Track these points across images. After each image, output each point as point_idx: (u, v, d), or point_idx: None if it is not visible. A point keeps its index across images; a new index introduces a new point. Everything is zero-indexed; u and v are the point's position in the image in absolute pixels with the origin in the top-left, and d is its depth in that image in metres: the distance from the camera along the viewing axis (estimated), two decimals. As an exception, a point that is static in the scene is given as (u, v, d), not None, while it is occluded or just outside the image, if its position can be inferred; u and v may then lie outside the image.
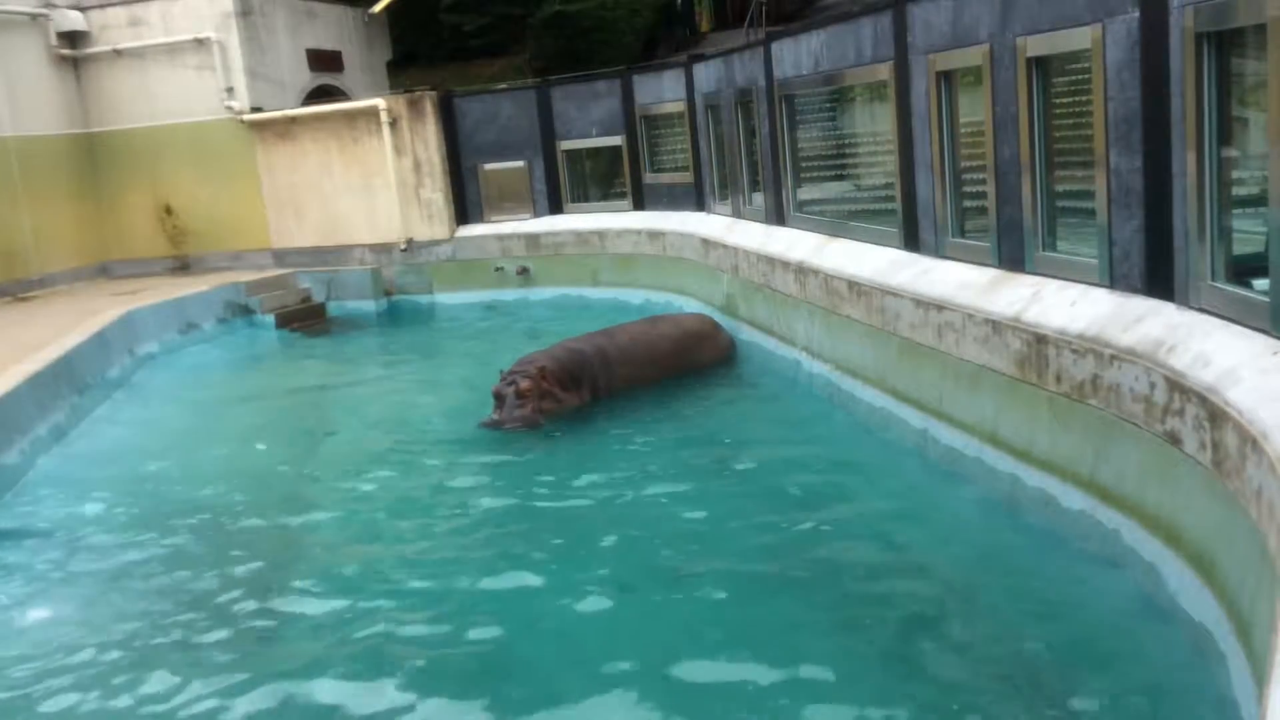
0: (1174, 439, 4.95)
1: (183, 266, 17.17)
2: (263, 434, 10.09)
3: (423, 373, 12.46)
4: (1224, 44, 5.04)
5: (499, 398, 9.18)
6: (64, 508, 7.99)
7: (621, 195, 15.61)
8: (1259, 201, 4.92)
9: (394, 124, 15.85)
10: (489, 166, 16.09)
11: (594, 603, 5.80)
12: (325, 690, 5.09)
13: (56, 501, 8.14)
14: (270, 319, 15.12)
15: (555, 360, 9.48)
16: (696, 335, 11.01)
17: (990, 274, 7.12)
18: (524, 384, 9.09)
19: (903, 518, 6.71)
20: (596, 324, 11.40)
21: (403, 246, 16.22)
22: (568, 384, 9.43)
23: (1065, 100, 6.54)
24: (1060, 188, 6.67)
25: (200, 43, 16.38)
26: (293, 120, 16.46)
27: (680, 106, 14.27)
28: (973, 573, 5.79)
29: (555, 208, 15.99)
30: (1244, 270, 5.10)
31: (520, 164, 15.96)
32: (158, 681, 5.29)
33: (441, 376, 11.87)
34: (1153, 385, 5.11)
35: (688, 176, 14.40)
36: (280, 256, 16.89)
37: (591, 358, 9.78)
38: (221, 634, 5.74)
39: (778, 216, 11.28)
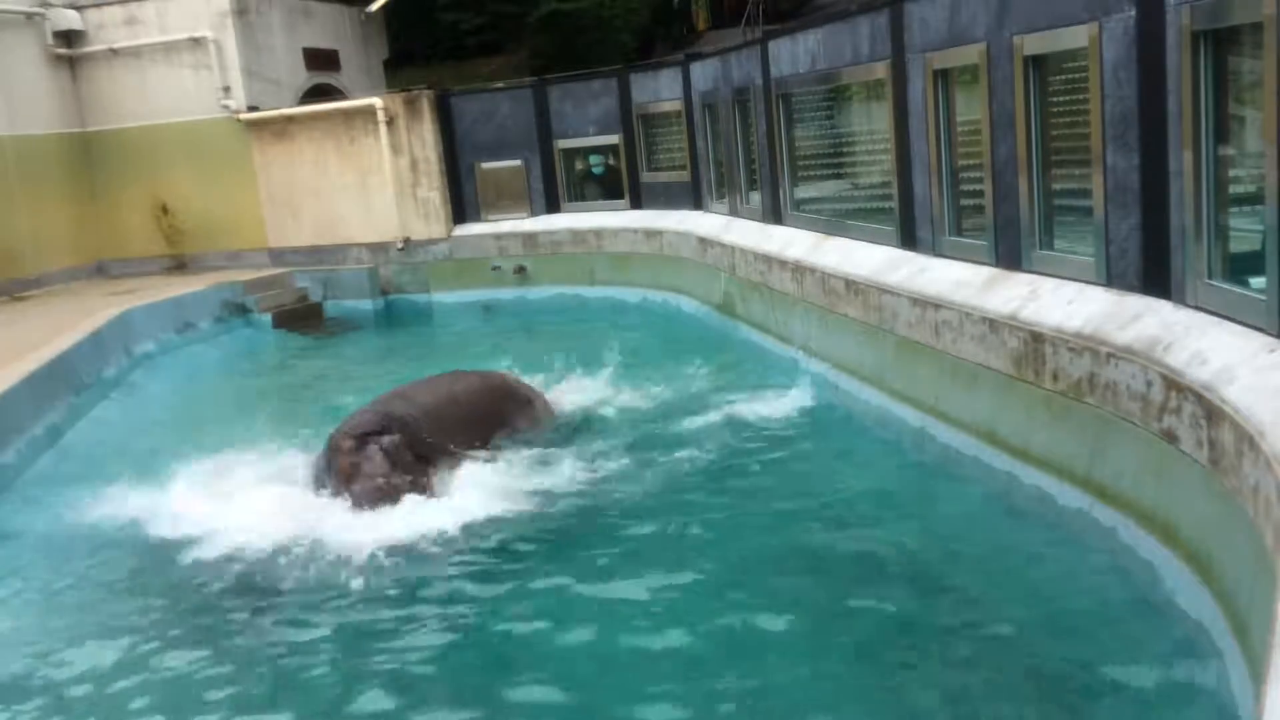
0: (1171, 437, 4.96)
1: (179, 266, 17.15)
2: (259, 435, 10.05)
3: (420, 373, 12.39)
4: (1220, 42, 5.04)
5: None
6: (60, 508, 7.95)
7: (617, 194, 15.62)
8: (1256, 199, 4.91)
9: (390, 123, 15.83)
10: (486, 165, 16.07)
11: (592, 605, 5.80)
12: (314, 697, 5.09)
13: (52, 502, 8.10)
14: (267, 318, 15.09)
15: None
16: (503, 393, 8.84)
17: (987, 272, 7.12)
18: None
19: (899, 516, 6.71)
20: (594, 323, 11.36)
21: (399, 245, 16.21)
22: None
23: (1062, 99, 6.55)
24: (1057, 186, 6.67)
25: (196, 42, 16.36)
26: (289, 119, 16.44)
27: (677, 105, 14.26)
28: (968, 571, 5.79)
29: (552, 206, 15.97)
30: (1241, 268, 5.10)
31: (517, 163, 15.94)
32: (147, 682, 5.28)
33: (438, 376, 11.82)
34: (1149, 383, 5.11)
35: (685, 175, 14.39)
36: (277, 256, 16.87)
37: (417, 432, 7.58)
38: (213, 637, 5.72)
39: (775, 215, 11.28)
